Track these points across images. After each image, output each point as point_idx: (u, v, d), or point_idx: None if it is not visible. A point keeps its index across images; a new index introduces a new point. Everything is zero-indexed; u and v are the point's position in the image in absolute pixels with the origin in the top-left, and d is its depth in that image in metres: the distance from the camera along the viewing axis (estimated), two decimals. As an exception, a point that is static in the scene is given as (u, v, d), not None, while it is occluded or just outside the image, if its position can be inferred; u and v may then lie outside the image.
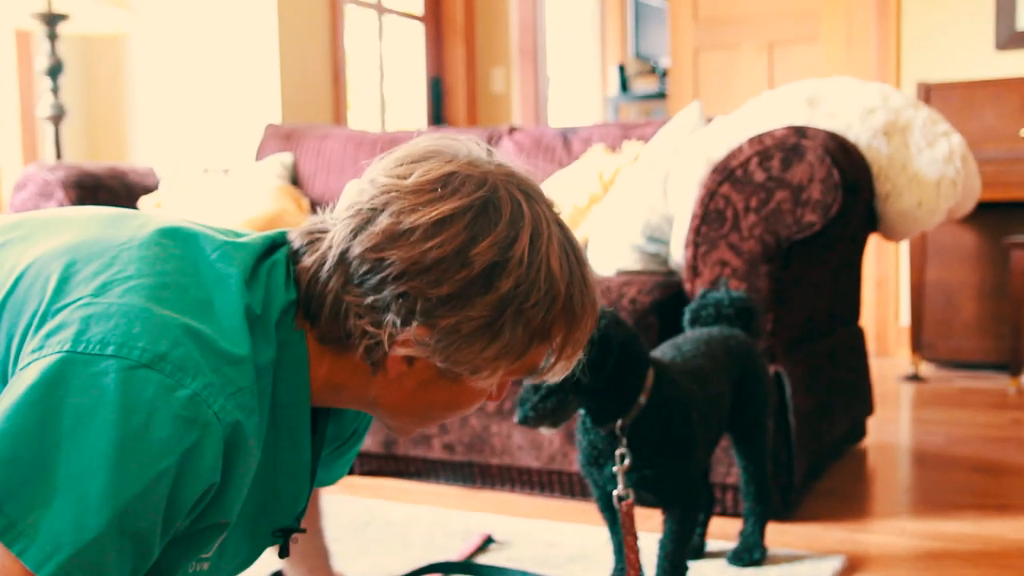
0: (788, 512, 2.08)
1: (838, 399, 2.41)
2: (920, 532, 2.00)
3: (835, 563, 1.78)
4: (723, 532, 1.99)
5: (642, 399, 1.52)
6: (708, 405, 1.63)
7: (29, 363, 0.81)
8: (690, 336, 1.77)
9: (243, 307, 0.89)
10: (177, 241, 0.93)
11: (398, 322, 0.89)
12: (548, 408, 1.46)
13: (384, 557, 1.86)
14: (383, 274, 0.89)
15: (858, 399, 2.59)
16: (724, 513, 2.08)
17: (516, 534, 1.97)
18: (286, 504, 1.00)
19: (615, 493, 1.52)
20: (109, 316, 0.82)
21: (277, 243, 0.98)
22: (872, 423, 2.93)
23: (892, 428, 2.96)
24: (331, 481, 1.25)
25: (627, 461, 1.51)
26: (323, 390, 0.98)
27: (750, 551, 1.80)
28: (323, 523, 1.39)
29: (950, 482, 2.37)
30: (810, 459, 2.18)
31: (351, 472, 2.42)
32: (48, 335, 0.82)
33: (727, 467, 2.05)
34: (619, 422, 1.51)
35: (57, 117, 3.42)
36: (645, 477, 1.54)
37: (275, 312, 0.92)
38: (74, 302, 0.84)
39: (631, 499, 1.51)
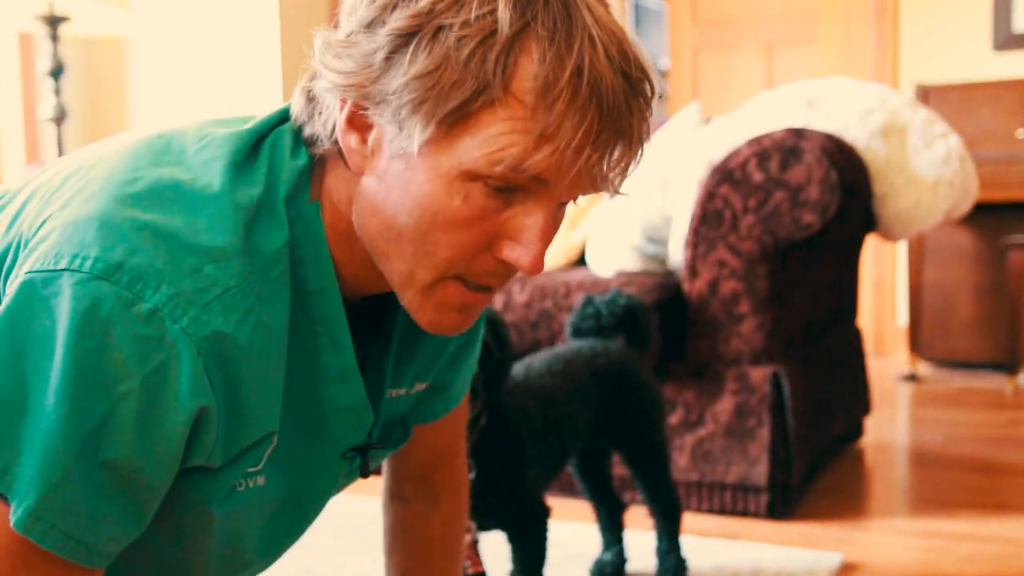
0: (786, 510, 2.10)
1: (836, 398, 2.42)
2: (917, 531, 2.01)
3: (832, 561, 1.80)
4: (721, 531, 2.01)
5: (483, 420, 1.38)
6: (546, 426, 1.50)
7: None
8: (549, 353, 1.62)
9: (229, 190, 0.77)
10: (163, 137, 0.82)
11: (335, 84, 0.79)
12: None
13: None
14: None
15: (856, 398, 2.60)
16: (723, 512, 2.10)
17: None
18: (346, 417, 0.88)
19: None
20: (65, 228, 0.73)
21: (283, 118, 0.86)
22: (870, 422, 2.94)
23: (890, 427, 2.97)
24: (456, 398, 1.08)
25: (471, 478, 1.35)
26: (356, 266, 0.84)
27: (676, 572, 1.71)
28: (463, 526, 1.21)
29: (947, 481, 2.38)
30: (808, 458, 2.20)
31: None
32: (22, 262, 0.75)
33: (725, 466, 2.07)
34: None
35: (59, 118, 3.43)
36: (488, 502, 1.41)
37: (282, 186, 0.80)
38: (44, 222, 0.76)
39: (474, 532, 1.39)
